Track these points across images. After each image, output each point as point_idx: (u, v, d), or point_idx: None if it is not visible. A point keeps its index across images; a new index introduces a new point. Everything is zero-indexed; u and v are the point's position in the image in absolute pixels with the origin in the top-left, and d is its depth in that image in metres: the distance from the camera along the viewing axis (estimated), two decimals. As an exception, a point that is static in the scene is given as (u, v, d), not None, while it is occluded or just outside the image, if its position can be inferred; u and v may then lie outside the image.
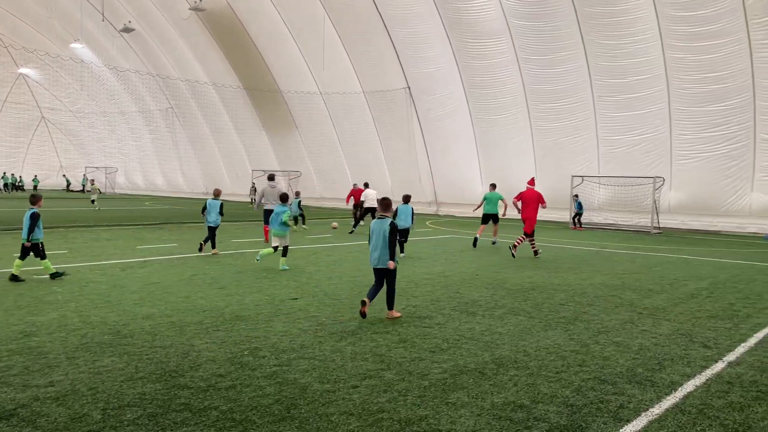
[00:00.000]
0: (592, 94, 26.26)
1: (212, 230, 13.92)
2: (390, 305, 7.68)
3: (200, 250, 13.88)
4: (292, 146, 41.59)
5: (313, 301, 8.64)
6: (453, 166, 32.46)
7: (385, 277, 7.64)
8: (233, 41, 38.98)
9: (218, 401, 4.67)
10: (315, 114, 37.90)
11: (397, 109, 33.26)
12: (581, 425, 4.36)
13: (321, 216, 29.96)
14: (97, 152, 62.48)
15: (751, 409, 4.76)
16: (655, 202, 24.63)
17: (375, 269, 7.67)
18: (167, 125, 50.52)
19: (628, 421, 4.47)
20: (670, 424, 4.42)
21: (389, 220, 7.60)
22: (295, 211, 21.97)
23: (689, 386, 5.27)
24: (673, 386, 5.25)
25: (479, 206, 17.80)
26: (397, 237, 7.69)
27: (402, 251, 14.05)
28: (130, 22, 41.84)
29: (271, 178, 16.91)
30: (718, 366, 5.89)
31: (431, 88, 31.55)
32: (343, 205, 38.37)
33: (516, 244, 14.62)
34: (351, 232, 20.60)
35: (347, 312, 7.92)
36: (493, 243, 17.83)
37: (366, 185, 22.66)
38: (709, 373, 5.66)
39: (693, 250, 17.63)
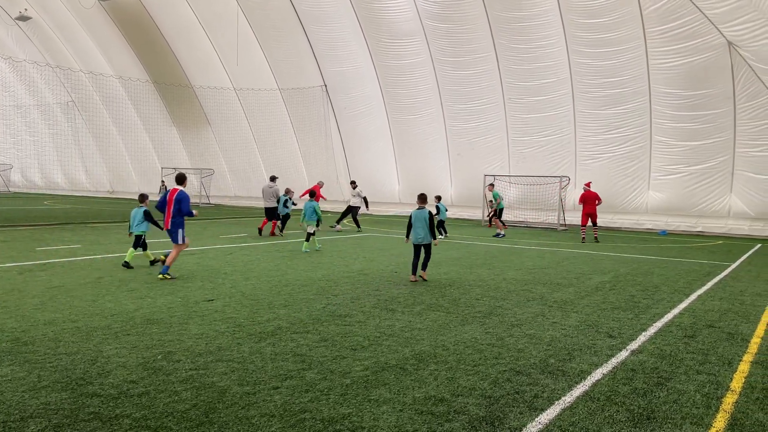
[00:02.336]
0: (503, 96, 27.17)
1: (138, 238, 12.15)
2: (425, 268, 10.71)
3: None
4: (204, 144, 40.38)
5: (230, 302, 8.42)
6: (370, 165, 32.65)
7: (424, 249, 10.64)
8: (141, 33, 37.35)
9: (130, 408, 4.46)
10: (228, 110, 36.97)
11: (314, 107, 33.06)
12: (499, 416, 4.49)
13: (235, 215, 29.28)
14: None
15: (653, 394, 5.07)
16: (561, 200, 25.82)
17: (416, 245, 10.65)
18: (68, 120, 47.68)
19: (543, 410, 4.65)
20: (581, 411, 4.63)
21: (426, 210, 10.61)
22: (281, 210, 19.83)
23: (597, 374, 5.55)
24: (583, 375, 5.51)
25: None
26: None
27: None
28: (26, 9, 39.21)
29: (272, 179, 19.60)
30: (623, 354, 6.25)
31: (348, 87, 31.59)
32: (259, 204, 37.71)
33: (594, 235, 20.22)
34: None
35: (266, 312, 7.79)
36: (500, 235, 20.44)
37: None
38: (614, 361, 5.99)
39: (596, 245, 18.61)
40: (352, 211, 21.78)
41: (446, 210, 20.56)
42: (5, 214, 25.60)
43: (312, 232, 15.04)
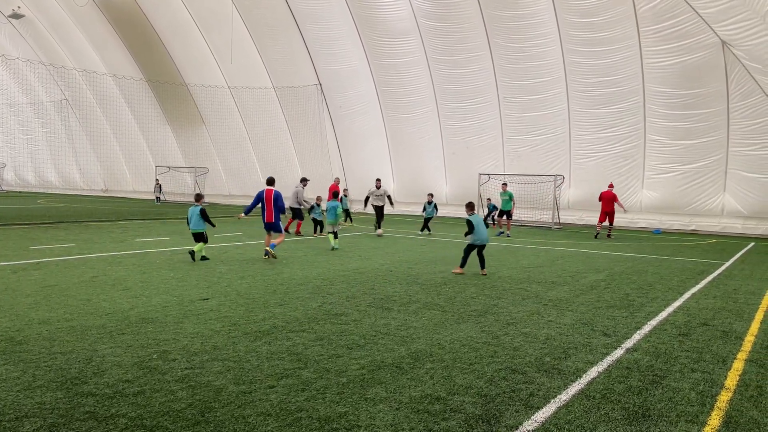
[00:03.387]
0: (498, 95, 27.19)
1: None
2: (485, 266, 11.74)
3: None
4: (198, 142, 40.22)
5: (225, 300, 8.41)
6: (365, 164, 32.61)
7: (483, 249, 11.81)
8: (135, 31, 37.16)
9: (126, 408, 4.44)
10: (223, 109, 36.84)
11: (309, 105, 32.99)
12: (495, 414, 4.50)
13: (230, 214, 29.21)
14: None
15: (648, 392, 5.09)
16: (555, 199, 25.87)
17: (480, 246, 11.64)
18: (61, 118, 47.41)
19: (539, 408, 4.66)
20: (576, 409, 4.65)
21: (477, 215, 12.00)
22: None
23: (592, 372, 5.57)
24: (578, 373, 5.53)
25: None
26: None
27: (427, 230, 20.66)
28: (19, 7, 38.98)
29: (302, 181, 19.99)
30: (618, 353, 6.27)
31: (343, 86, 31.54)
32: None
33: (608, 233, 20.99)
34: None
35: (261, 311, 7.77)
36: (505, 234, 20.71)
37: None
38: (609, 359, 6.01)
39: (591, 244, 18.66)
40: (378, 211, 20.85)
41: (436, 208, 21.35)
42: (-2, 213, 25.48)
43: (334, 230, 15.39)
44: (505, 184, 21.90)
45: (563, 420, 4.43)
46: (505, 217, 21.49)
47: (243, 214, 13.79)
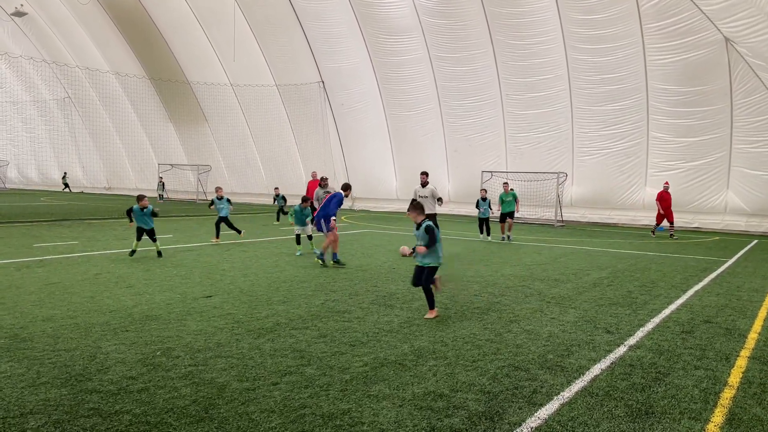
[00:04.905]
0: (500, 92, 27.16)
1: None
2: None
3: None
4: (201, 140, 40.30)
5: (228, 298, 8.42)
6: (367, 162, 32.63)
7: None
8: (137, 29, 37.22)
9: (130, 404, 4.46)
10: (225, 107, 36.90)
11: (311, 103, 33.00)
12: (498, 411, 4.51)
13: (233, 212, 29.23)
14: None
15: (651, 389, 5.09)
16: (558, 196, 25.85)
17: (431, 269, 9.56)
18: (64, 116, 47.55)
19: (542, 405, 4.66)
20: (579, 407, 4.65)
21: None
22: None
23: (595, 370, 5.56)
24: (581, 370, 5.53)
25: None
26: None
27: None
28: (22, 5, 39.04)
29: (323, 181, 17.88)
30: (621, 350, 6.26)
31: (345, 83, 31.54)
32: (259, 201, 37.69)
33: (670, 232, 20.65)
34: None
35: (264, 309, 7.79)
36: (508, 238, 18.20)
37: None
38: (612, 357, 6.01)
39: (593, 241, 18.65)
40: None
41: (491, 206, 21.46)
42: (2, 211, 25.54)
43: (301, 233, 13.95)
44: (506, 183, 19.50)
45: (566, 417, 4.43)
46: (508, 219, 18.41)
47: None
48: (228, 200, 16.32)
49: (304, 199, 14.10)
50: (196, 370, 5.26)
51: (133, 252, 12.53)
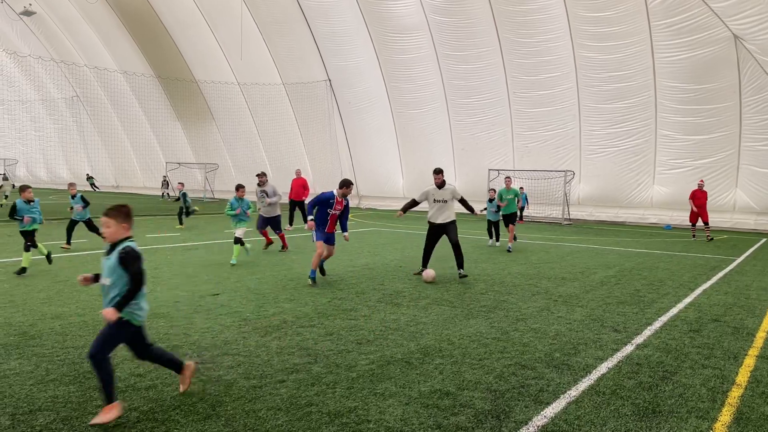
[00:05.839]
0: (507, 91, 27.08)
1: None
2: None
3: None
4: (208, 138, 40.41)
5: (236, 296, 8.45)
6: (374, 160, 32.62)
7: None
8: (144, 28, 37.34)
9: (138, 401, 4.48)
10: (232, 105, 36.97)
11: (318, 101, 33.02)
12: (505, 409, 4.50)
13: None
14: (-5, 142, 58.29)
15: (659, 388, 5.07)
16: (566, 194, 25.77)
17: None
18: (73, 115, 47.76)
19: (548, 403, 4.66)
20: (586, 405, 4.64)
21: None
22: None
23: (602, 368, 5.55)
24: (588, 369, 5.52)
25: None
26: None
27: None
28: (30, 5, 39.23)
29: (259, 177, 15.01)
30: (628, 349, 6.24)
31: (352, 81, 31.53)
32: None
33: (707, 235, 19.42)
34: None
35: (271, 306, 7.81)
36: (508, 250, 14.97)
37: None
38: (619, 355, 5.99)
39: (601, 240, 18.58)
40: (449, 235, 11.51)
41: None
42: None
43: (242, 234, 11.88)
44: (508, 178, 16.20)
45: (573, 415, 4.42)
46: (510, 224, 15.52)
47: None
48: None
49: (238, 187, 12.47)
50: (203, 367, 5.29)
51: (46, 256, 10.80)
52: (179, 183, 21.60)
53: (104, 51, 40.77)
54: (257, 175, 14.50)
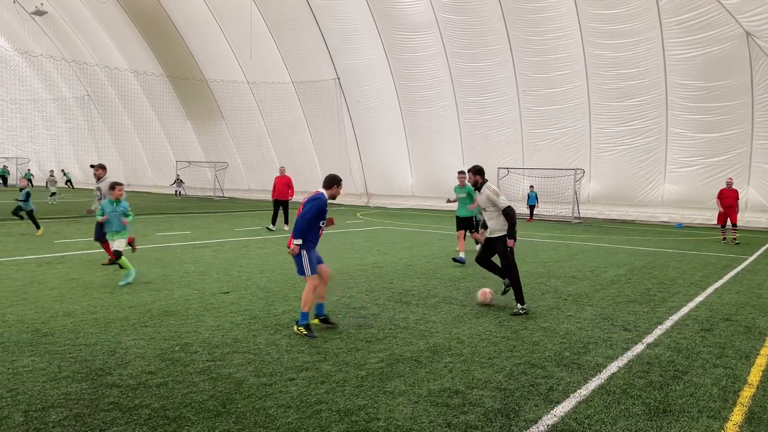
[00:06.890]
0: (517, 89, 27.00)
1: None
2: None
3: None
4: (218, 137, 40.57)
5: (246, 294, 8.49)
6: (383, 158, 32.63)
7: None
8: (155, 27, 37.53)
9: (149, 399, 4.52)
10: (242, 104, 37.09)
11: (327, 100, 33.06)
12: (514, 408, 4.50)
13: (249, 208, 29.43)
14: (7, 141, 58.67)
15: (669, 387, 5.05)
16: (575, 193, 25.67)
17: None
18: (84, 114, 48.09)
19: (558, 402, 4.65)
20: (596, 404, 4.63)
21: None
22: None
23: (613, 368, 5.53)
24: (598, 368, 5.50)
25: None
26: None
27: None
28: (42, 4, 39.51)
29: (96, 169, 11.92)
30: (638, 348, 6.22)
31: (361, 80, 31.54)
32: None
33: (733, 237, 18.00)
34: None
35: (281, 304, 7.84)
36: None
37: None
38: (630, 354, 5.97)
39: (611, 238, 18.49)
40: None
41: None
42: (23, 208, 25.87)
43: (120, 246, 9.30)
44: (461, 173, 12.59)
45: (583, 414, 4.41)
46: (471, 231, 12.74)
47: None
48: None
49: (113, 186, 9.34)
50: (213, 365, 5.32)
51: None
52: (23, 177, 17.10)
53: (115, 50, 41.00)
54: (91, 166, 11.38)
